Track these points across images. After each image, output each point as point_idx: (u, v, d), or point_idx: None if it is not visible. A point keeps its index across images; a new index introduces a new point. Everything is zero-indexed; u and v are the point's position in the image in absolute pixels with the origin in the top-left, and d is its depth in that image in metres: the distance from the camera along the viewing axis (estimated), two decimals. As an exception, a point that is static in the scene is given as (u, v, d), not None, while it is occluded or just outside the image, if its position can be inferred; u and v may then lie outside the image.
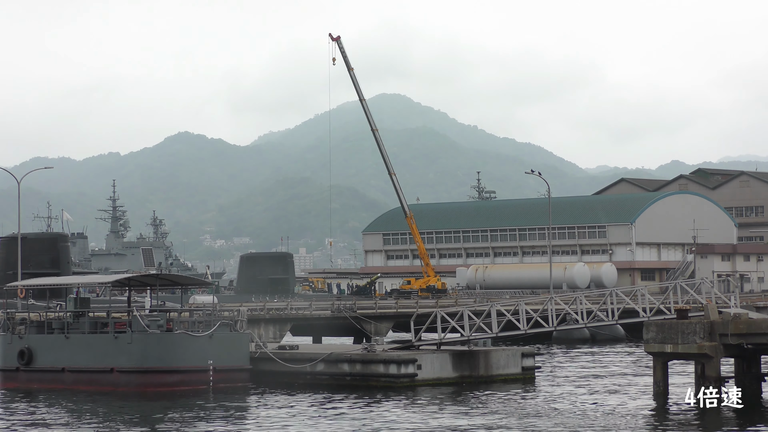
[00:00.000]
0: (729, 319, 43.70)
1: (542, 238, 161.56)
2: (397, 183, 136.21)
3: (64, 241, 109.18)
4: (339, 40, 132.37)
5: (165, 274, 70.83)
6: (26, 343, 55.20)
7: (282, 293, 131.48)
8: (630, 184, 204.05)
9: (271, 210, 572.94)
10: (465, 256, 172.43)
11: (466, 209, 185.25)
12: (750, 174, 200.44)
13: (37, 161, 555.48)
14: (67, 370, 53.76)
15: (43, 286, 63.10)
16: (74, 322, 55.24)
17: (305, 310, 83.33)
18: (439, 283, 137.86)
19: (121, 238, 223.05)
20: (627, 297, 54.20)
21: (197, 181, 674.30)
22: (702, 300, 50.70)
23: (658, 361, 44.66)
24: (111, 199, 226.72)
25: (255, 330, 72.03)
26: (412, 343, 54.85)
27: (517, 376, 54.47)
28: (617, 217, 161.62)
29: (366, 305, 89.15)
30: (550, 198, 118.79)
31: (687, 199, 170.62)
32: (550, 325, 53.64)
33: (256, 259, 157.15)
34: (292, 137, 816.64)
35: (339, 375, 52.68)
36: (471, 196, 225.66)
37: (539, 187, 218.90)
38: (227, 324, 53.88)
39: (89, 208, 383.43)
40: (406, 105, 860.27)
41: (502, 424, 39.89)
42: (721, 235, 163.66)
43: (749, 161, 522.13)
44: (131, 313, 53.38)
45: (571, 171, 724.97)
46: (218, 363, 52.03)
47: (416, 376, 51.27)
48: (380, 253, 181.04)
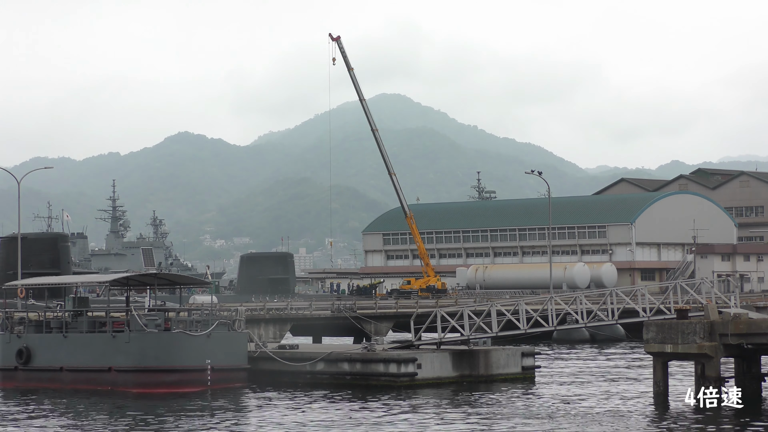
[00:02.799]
0: (729, 319, 43.60)
1: (542, 238, 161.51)
2: (397, 183, 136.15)
3: (64, 241, 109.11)
4: (339, 40, 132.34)
5: (163, 273, 70.73)
6: (24, 342, 55.17)
7: (282, 293, 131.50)
8: (630, 184, 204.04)
9: (271, 210, 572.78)
10: (465, 256, 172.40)
11: (466, 209, 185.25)
12: (750, 174, 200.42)
13: (37, 161, 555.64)
14: (65, 370, 53.72)
15: (40, 286, 63.10)
16: (73, 321, 55.21)
17: (305, 310, 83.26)
18: (439, 283, 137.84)
19: (121, 238, 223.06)
20: (627, 297, 54.13)
21: (197, 181, 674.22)
22: (702, 300, 50.61)
23: (658, 361, 44.57)
24: (111, 199, 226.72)
25: (255, 330, 72.01)
26: (412, 343, 54.79)
27: (517, 376, 54.42)
28: (617, 217, 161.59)
29: (366, 305, 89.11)
30: (550, 198, 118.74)
31: (687, 199, 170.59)
32: (550, 325, 53.59)
33: (256, 259, 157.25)
34: (292, 137, 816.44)
35: (339, 374, 52.62)
36: (471, 196, 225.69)
37: (539, 187, 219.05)
38: (225, 323, 53.80)
39: (89, 208, 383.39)
40: (406, 105, 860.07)
41: (502, 424, 39.81)
42: (721, 235, 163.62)
43: (749, 161, 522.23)
44: (129, 312, 53.32)
45: (571, 171, 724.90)
46: (216, 362, 51.92)
47: (416, 375, 51.21)
48: (380, 253, 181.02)
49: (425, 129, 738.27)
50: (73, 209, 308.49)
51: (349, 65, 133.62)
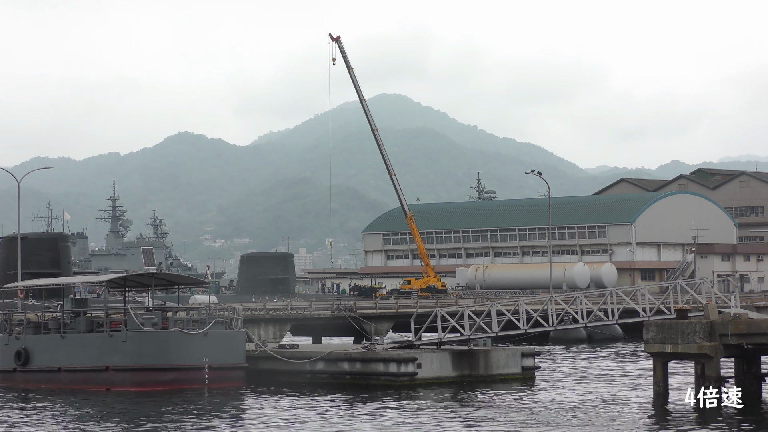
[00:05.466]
0: (729, 319, 43.54)
1: (542, 238, 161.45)
2: (397, 183, 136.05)
3: (64, 241, 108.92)
4: (339, 40, 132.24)
5: (161, 273, 70.71)
6: (23, 343, 55.12)
7: (282, 293, 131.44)
8: (630, 184, 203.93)
9: (271, 210, 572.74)
10: (465, 256, 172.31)
11: (466, 209, 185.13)
12: (750, 174, 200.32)
13: (37, 161, 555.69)
14: (63, 370, 53.68)
15: (38, 287, 62.95)
16: (71, 322, 55.15)
17: (305, 310, 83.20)
18: (439, 283, 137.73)
19: (121, 238, 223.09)
20: (627, 297, 54.08)
21: (197, 181, 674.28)
22: (702, 300, 50.57)
23: (658, 361, 44.51)
24: (111, 199, 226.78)
25: (255, 330, 71.99)
26: (412, 343, 54.75)
27: (517, 376, 54.36)
28: (617, 217, 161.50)
29: (366, 305, 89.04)
30: (550, 198, 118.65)
31: (687, 199, 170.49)
32: (550, 325, 53.54)
33: (257, 259, 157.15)
34: (292, 137, 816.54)
35: (339, 374, 52.57)
36: (471, 196, 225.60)
37: (539, 187, 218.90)
38: (222, 322, 53.72)
39: (89, 208, 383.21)
40: (406, 105, 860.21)
41: (502, 424, 39.74)
42: (721, 235, 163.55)
43: (749, 161, 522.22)
44: (126, 311, 53.24)
45: (571, 171, 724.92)
46: (213, 361, 51.85)
47: (416, 375, 51.16)
48: (380, 253, 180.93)
49: (425, 129, 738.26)
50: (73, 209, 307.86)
51: (349, 65, 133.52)
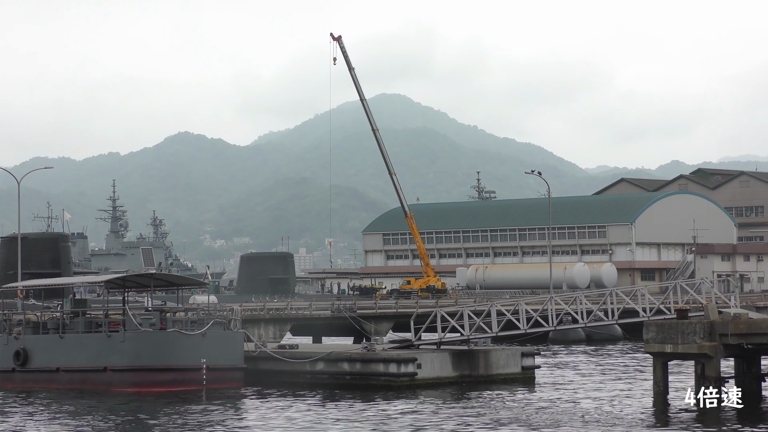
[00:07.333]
0: (729, 319, 43.52)
1: (542, 238, 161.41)
2: (397, 183, 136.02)
3: (64, 241, 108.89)
4: (340, 39, 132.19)
5: (160, 273, 70.65)
6: (22, 343, 55.08)
7: (282, 293, 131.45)
8: (630, 184, 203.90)
9: (271, 210, 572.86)
10: (465, 256, 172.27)
11: (466, 209, 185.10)
12: (750, 174, 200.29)
13: (37, 161, 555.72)
14: (61, 370, 53.63)
15: (38, 287, 62.91)
16: (70, 322, 55.11)
17: (305, 310, 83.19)
18: (439, 283, 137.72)
19: (121, 238, 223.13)
20: (627, 297, 54.03)
21: (197, 181, 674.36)
22: (702, 300, 50.51)
23: (658, 361, 44.49)
24: (111, 199, 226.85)
25: (255, 330, 71.99)
26: (411, 343, 54.71)
27: (517, 376, 54.29)
28: (617, 217, 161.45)
29: (366, 305, 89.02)
30: (550, 198, 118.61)
31: (687, 199, 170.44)
32: (550, 325, 53.49)
33: (257, 259, 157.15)
34: (292, 137, 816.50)
35: (339, 374, 52.50)
36: (471, 196, 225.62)
37: (539, 187, 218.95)
38: (221, 323, 53.64)
39: (89, 208, 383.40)
40: (406, 105, 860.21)
41: (502, 424, 39.71)
42: (721, 235, 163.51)
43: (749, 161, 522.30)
44: (125, 312, 53.20)
45: (571, 171, 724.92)
46: (212, 361, 51.75)
47: (416, 375, 51.09)
48: (380, 253, 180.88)
49: (425, 129, 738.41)
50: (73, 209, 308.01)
51: (350, 65, 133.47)
